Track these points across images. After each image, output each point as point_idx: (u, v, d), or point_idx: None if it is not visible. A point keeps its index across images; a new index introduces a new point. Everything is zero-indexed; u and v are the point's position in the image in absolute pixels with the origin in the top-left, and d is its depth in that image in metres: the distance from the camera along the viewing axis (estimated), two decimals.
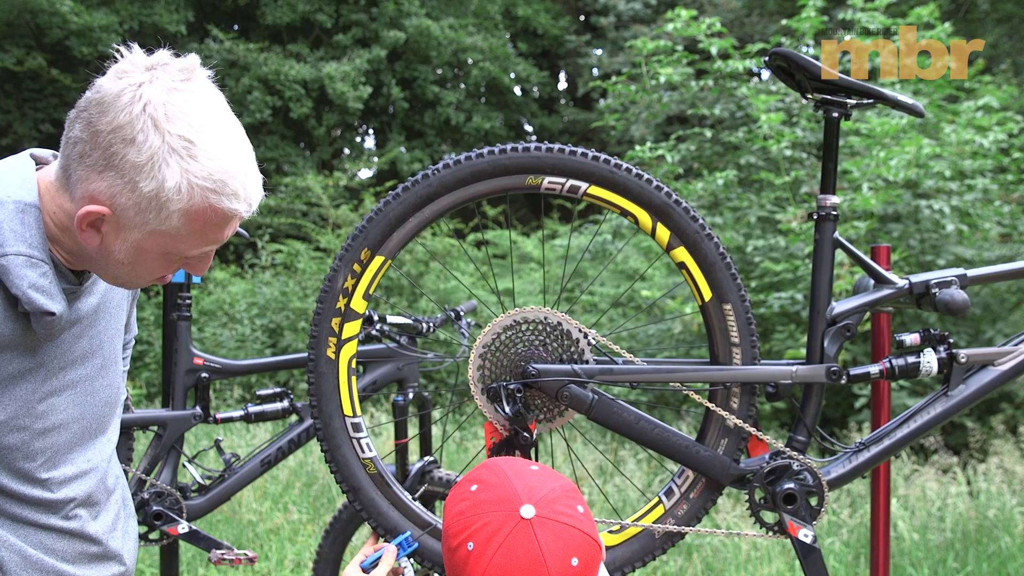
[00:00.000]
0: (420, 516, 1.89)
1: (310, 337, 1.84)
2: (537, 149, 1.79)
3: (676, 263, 1.85)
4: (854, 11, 6.38)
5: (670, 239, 1.82)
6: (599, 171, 1.79)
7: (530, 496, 1.37)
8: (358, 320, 1.83)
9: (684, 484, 1.90)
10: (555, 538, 1.33)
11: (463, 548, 1.34)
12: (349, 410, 1.85)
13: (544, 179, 1.79)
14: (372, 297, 1.86)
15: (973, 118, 6.02)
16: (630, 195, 1.80)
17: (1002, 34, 9.88)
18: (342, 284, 1.81)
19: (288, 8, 12.45)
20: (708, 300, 1.84)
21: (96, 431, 1.48)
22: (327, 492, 5.14)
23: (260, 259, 9.36)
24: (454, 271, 8.56)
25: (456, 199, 1.81)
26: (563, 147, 1.79)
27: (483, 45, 13.03)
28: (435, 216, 1.81)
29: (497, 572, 1.31)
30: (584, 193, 1.80)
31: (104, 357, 1.47)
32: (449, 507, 1.41)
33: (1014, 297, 5.70)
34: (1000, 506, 4.42)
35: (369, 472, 1.86)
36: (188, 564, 4.05)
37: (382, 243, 1.81)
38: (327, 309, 1.82)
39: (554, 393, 1.81)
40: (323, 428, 1.84)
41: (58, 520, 1.42)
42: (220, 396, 7.39)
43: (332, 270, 1.82)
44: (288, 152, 12.52)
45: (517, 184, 1.80)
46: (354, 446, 1.85)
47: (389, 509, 1.87)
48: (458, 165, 1.79)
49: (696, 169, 7.26)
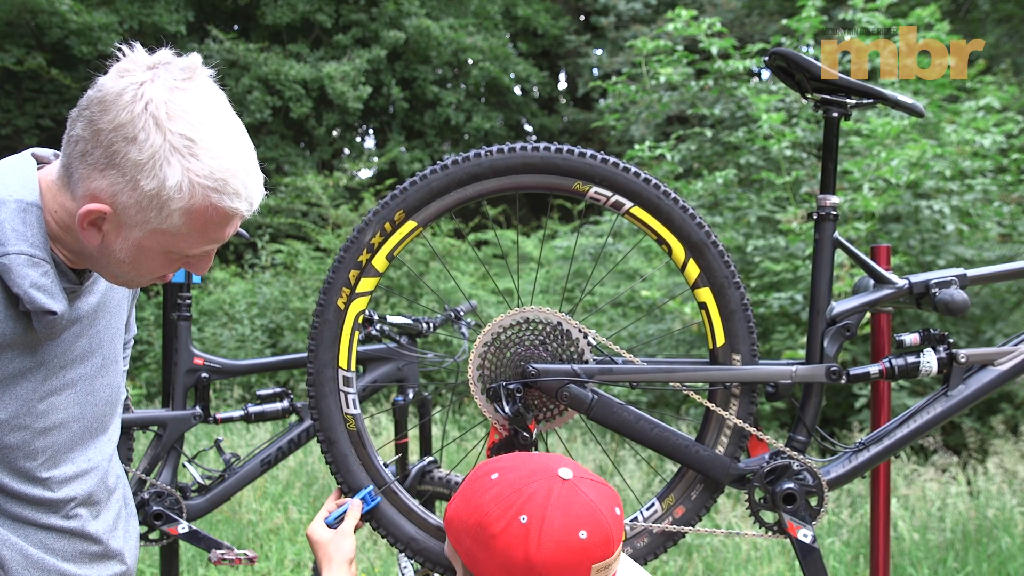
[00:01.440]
0: (388, 482, 1.89)
1: (324, 283, 1.84)
2: (593, 158, 1.80)
3: (698, 302, 1.85)
4: (854, 11, 6.38)
5: (698, 278, 1.83)
6: (647, 194, 1.80)
7: (557, 463, 1.41)
8: (375, 278, 1.84)
9: (652, 516, 1.91)
10: (596, 491, 1.39)
11: (515, 524, 1.34)
12: (344, 363, 1.85)
13: (592, 188, 1.80)
14: (395, 259, 1.86)
15: (974, 118, 6.02)
16: (671, 225, 1.81)
17: (1002, 34, 9.88)
18: (369, 239, 1.81)
19: (288, 8, 12.45)
20: (720, 346, 1.84)
21: (97, 430, 1.48)
22: (327, 492, 5.14)
23: (260, 259, 9.36)
24: (454, 271, 8.56)
25: (501, 185, 1.81)
26: (617, 162, 1.80)
27: (483, 45, 13.04)
28: (476, 196, 1.82)
29: (561, 532, 1.33)
30: (627, 211, 1.81)
31: (104, 356, 1.47)
32: (476, 500, 1.41)
33: (1014, 297, 5.70)
34: (1000, 506, 4.42)
35: (348, 428, 1.86)
36: (188, 564, 4.05)
37: (419, 209, 1.81)
38: (348, 259, 1.82)
39: (553, 393, 1.81)
40: (314, 374, 1.85)
41: (59, 519, 1.42)
42: (220, 396, 7.39)
43: (363, 222, 1.82)
44: (288, 152, 12.52)
45: (563, 186, 1.81)
46: (340, 399, 1.86)
47: (359, 469, 1.87)
48: (512, 153, 1.79)
49: (696, 169, 7.26)
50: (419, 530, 1.89)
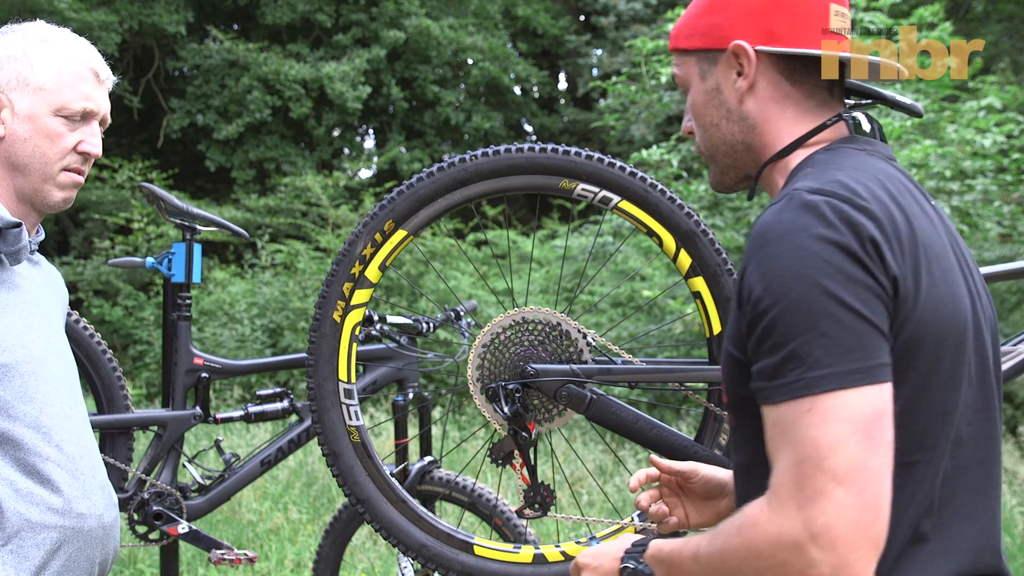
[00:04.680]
0: (396, 492, 1.89)
1: (319, 298, 1.85)
2: (577, 155, 1.80)
3: (692, 291, 1.85)
4: (856, 11, 6.38)
5: (691, 267, 1.83)
6: (634, 187, 1.80)
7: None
8: (369, 289, 1.85)
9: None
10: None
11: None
12: (344, 376, 1.86)
13: (578, 185, 1.80)
14: (387, 269, 1.87)
15: (975, 118, 6.02)
16: (660, 216, 1.81)
17: (1002, 33, 9.88)
18: (360, 251, 1.82)
19: (288, 8, 12.45)
20: (716, 334, 1.84)
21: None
22: (327, 492, 5.14)
23: (260, 259, 9.36)
24: (454, 271, 8.56)
25: (488, 188, 1.82)
26: (602, 157, 1.80)
27: (483, 45, 13.02)
28: (464, 201, 1.83)
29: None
30: (615, 206, 1.81)
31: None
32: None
33: (1014, 297, 5.70)
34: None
35: (352, 440, 1.86)
36: (188, 564, 4.06)
37: (408, 218, 1.82)
38: (341, 272, 1.83)
39: (552, 393, 1.81)
40: (315, 389, 1.85)
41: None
42: (220, 396, 7.39)
43: (353, 235, 1.83)
44: (288, 152, 12.51)
45: (550, 185, 1.82)
46: (342, 411, 1.86)
47: (366, 480, 1.87)
48: (496, 156, 1.80)
49: (696, 169, 7.26)
50: (429, 537, 1.89)
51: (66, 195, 1.62)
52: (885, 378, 1.00)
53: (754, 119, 1.25)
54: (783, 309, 1.01)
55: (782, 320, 1.01)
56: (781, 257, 1.03)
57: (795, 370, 1.00)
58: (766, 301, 1.03)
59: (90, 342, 2.53)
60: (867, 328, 1.00)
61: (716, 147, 1.29)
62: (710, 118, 1.28)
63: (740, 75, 1.24)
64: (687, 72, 1.31)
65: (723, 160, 1.30)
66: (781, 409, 1.01)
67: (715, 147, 1.30)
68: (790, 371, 1.00)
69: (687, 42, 1.30)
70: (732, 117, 1.26)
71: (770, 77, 1.24)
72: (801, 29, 1.22)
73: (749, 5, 1.23)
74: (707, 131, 1.30)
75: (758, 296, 1.04)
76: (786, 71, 1.24)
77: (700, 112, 1.29)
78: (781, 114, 1.24)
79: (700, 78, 1.28)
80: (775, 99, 1.24)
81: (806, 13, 1.22)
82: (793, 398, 1.00)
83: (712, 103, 1.27)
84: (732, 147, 1.28)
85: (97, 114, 1.64)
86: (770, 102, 1.24)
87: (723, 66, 1.25)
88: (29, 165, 1.57)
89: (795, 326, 1.00)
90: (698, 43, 1.28)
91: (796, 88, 1.24)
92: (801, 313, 1.00)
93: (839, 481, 0.95)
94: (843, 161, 1.16)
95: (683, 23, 1.31)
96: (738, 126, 1.26)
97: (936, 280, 1.08)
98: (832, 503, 0.95)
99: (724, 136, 1.28)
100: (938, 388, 1.07)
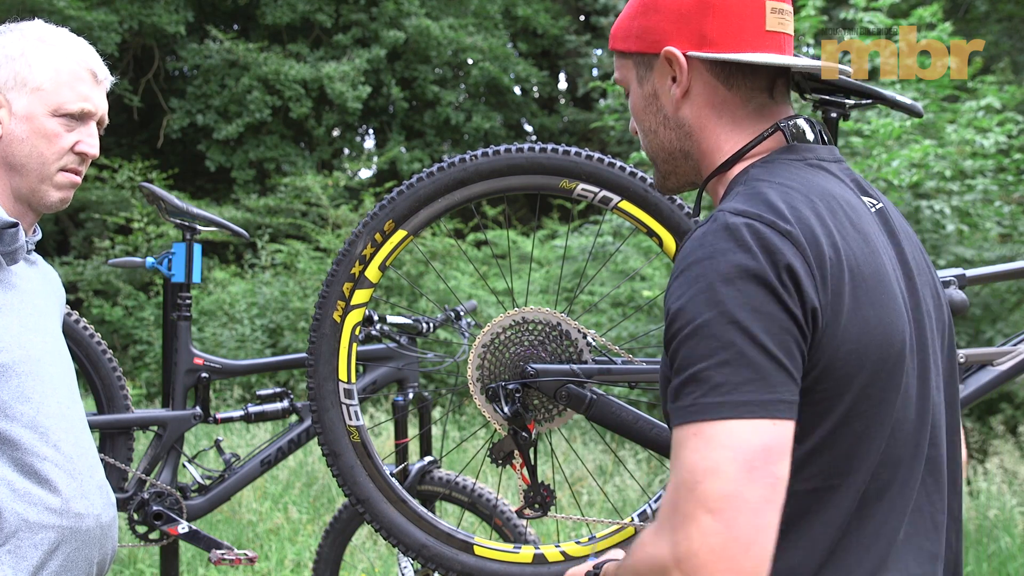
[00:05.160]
0: (396, 492, 1.88)
1: (319, 298, 1.85)
2: (577, 155, 1.80)
3: None
4: (855, 11, 6.38)
5: None
6: (634, 187, 1.80)
7: None
8: (369, 289, 1.84)
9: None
10: None
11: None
12: (344, 376, 1.86)
13: (578, 185, 1.80)
14: (387, 269, 1.87)
15: (975, 118, 6.02)
16: (660, 216, 1.81)
17: (1002, 33, 9.88)
18: (360, 251, 1.82)
19: (288, 8, 12.45)
20: None
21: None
22: (327, 492, 5.14)
23: (260, 259, 9.36)
24: (454, 271, 8.57)
25: (488, 188, 1.81)
26: (602, 157, 1.80)
27: (483, 45, 13.02)
28: (464, 201, 1.82)
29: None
30: (615, 206, 1.81)
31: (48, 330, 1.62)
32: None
33: (1014, 297, 5.70)
34: (1000, 506, 4.42)
35: (352, 440, 1.86)
36: (188, 564, 4.06)
37: (408, 218, 1.82)
38: (341, 272, 1.83)
39: (552, 393, 1.81)
40: (315, 388, 1.85)
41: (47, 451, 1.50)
42: (220, 396, 7.39)
43: (353, 235, 1.83)
44: (288, 152, 12.52)
45: (550, 185, 1.81)
46: (342, 411, 1.86)
47: (366, 480, 1.87)
48: (496, 156, 1.79)
49: None
50: (429, 537, 1.89)
51: (63, 195, 1.62)
52: (783, 415, 0.98)
53: (691, 126, 1.21)
54: (691, 333, 1.01)
55: (688, 343, 1.01)
56: (697, 281, 1.02)
57: (692, 394, 0.99)
58: (678, 323, 1.02)
59: (90, 342, 2.53)
60: (770, 363, 0.98)
61: (656, 153, 1.27)
62: (648, 124, 1.25)
63: (675, 81, 1.20)
64: (626, 76, 1.27)
65: (663, 166, 1.28)
66: (675, 431, 1.00)
67: (655, 153, 1.27)
68: (687, 394, 0.99)
69: (623, 44, 1.25)
70: (669, 124, 1.23)
71: (706, 81, 1.20)
72: (735, 32, 1.17)
73: (680, 8, 1.18)
74: (647, 136, 1.27)
75: (672, 317, 1.04)
76: (721, 76, 1.19)
77: (639, 117, 1.27)
78: (718, 121, 1.20)
79: (638, 83, 1.25)
80: (712, 105, 1.20)
81: (740, 15, 1.17)
82: (685, 422, 0.99)
83: (650, 109, 1.24)
84: (671, 154, 1.25)
85: (95, 115, 1.64)
86: (706, 108, 1.20)
87: (658, 72, 1.22)
88: (26, 165, 1.57)
89: (699, 351, 1.00)
90: (633, 46, 1.24)
91: (733, 93, 1.20)
92: (707, 339, 0.99)
93: (708, 508, 0.93)
94: (777, 176, 1.13)
95: (619, 23, 1.27)
96: (675, 133, 1.23)
97: (863, 305, 1.05)
98: (698, 529, 0.93)
99: (663, 143, 1.25)
100: (864, 414, 1.05)
